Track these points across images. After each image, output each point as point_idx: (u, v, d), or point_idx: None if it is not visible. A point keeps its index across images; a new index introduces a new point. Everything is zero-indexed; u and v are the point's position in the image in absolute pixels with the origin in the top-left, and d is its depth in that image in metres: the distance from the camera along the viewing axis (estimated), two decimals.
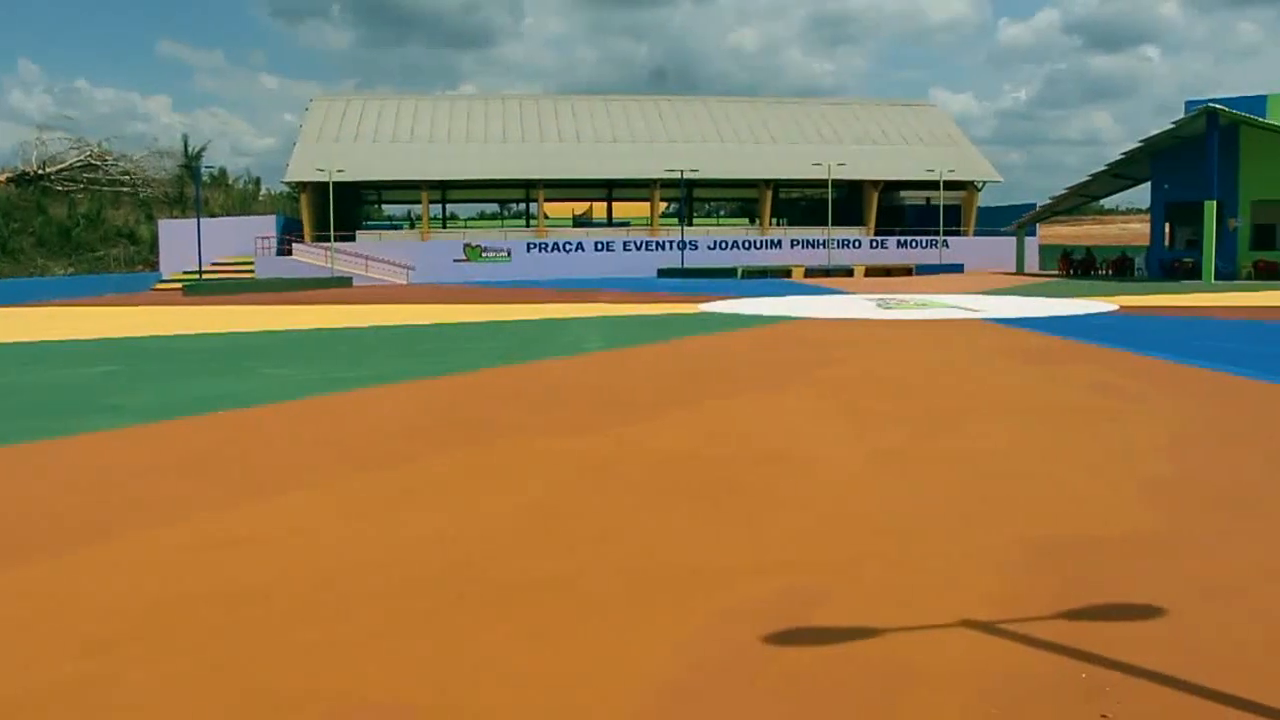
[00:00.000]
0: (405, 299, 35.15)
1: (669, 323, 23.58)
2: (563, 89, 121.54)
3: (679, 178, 52.89)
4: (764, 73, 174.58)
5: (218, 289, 41.75)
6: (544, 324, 23.92)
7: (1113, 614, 4.89)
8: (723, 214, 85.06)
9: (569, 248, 53.67)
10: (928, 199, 59.44)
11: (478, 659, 4.48)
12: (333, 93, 64.59)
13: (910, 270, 50.51)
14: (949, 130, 63.87)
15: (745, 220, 70.32)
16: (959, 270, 52.26)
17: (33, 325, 25.86)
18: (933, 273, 50.76)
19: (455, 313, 27.54)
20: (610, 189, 64.92)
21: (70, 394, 13.31)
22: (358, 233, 54.49)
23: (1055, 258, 50.90)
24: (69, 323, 26.38)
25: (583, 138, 59.11)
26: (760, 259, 53.83)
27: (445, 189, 62.49)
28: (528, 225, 63.42)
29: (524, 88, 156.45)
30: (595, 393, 12.84)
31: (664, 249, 53.99)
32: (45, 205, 64.19)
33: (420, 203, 57.57)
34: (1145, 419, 10.28)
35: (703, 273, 49.26)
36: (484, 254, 52.70)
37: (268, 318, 26.70)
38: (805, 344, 18.47)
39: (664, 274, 50.02)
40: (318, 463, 8.74)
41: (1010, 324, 21.51)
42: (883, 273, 49.68)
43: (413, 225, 61.13)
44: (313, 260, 49.76)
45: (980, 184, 59.35)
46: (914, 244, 56.46)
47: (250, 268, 49.10)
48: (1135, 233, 68.96)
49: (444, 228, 63.73)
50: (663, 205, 62.39)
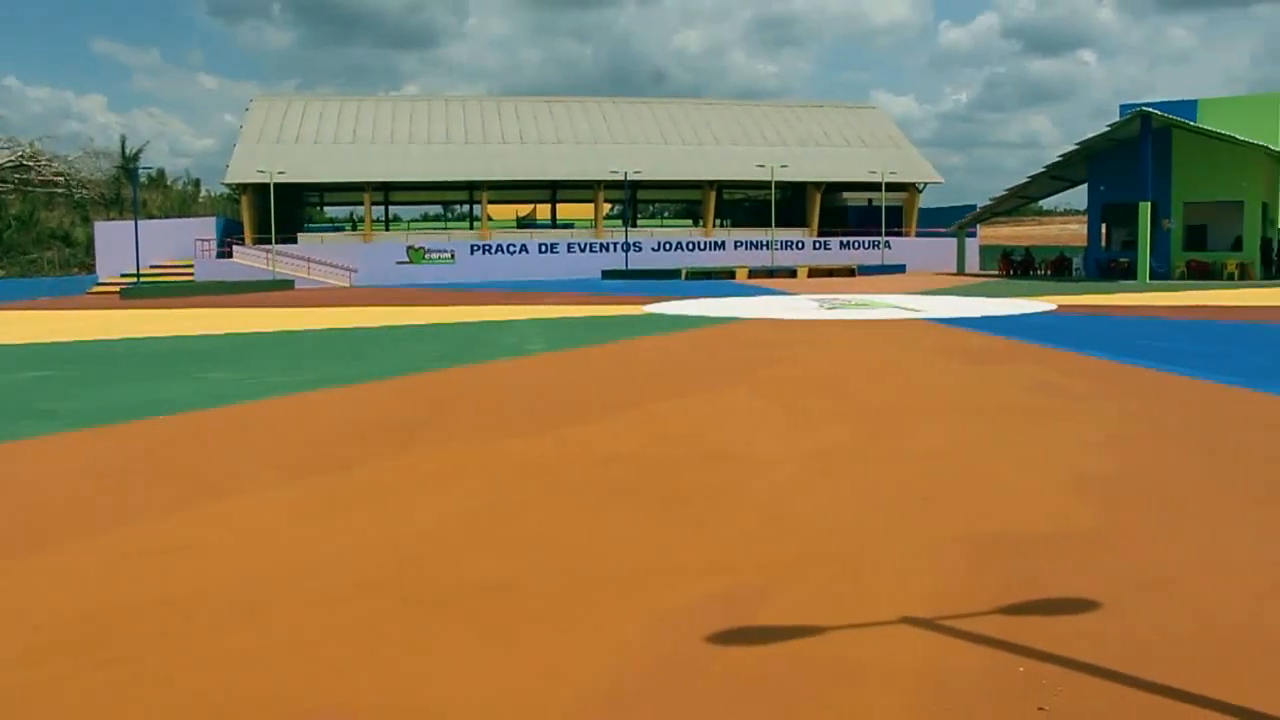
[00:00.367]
0: (348, 301, 34.81)
1: (613, 324, 23.56)
2: (506, 90, 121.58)
3: (623, 179, 52.97)
4: (708, 74, 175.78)
5: (156, 292, 41.28)
6: (488, 326, 23.80)
7: (1051, 608, 4.96)
8: (667, 215, 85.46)
9: (513, 250, 53.53)
10: (870, 200, 60.10)
11: (422, 662, 4.43)
12: (273, 93, 63.87)
13: (853, 271, 50.93)
14: (891, 132, 64.62)
15: (689, 222, 70.70)
16: (901, 271, 52.87)
17: None
18: (875, 273, 51.28)
19: (398, 315, 27.32)
20: (554, 191, 64.93)
21: (0, 399, 13.00)
22: (299, 235, 53.92)
23: (995, 258, 51.64)
24: (0, 327, 25.77)
25: (526, 139, 58.95)
26: (704, 260, 54.10)
27: (388, 191, 62.08)
28: (471, 227, 63.25)
29: (468, 89, 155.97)
30: (539, 394, 12.80)
31: (608, 250, 54.03)
32: None
33: (363, 204, 57.13)
34: (1084, 417, 10.45)
35: (647, 274, 49.30)
36: (427, 256, 52.37)
37: (207, 321, 26.30)
38: (749, 345, 18.55)
39: (608, 275, 50.02)
40: (258, 468, 8.60)
41: (951, 324, 21.75)
42: (826, 274, 50.07)
43: (355, 227, 60.73)
44: (254, 263, 49.17)
45: (921, 185, 60.16)
46: (856, 245, 57.09)
47: (190, 270, 48.40)
48: (1074, 233, 70.24)
49: (387, 230, 63.36)
50: (607, 207, 62.53)
